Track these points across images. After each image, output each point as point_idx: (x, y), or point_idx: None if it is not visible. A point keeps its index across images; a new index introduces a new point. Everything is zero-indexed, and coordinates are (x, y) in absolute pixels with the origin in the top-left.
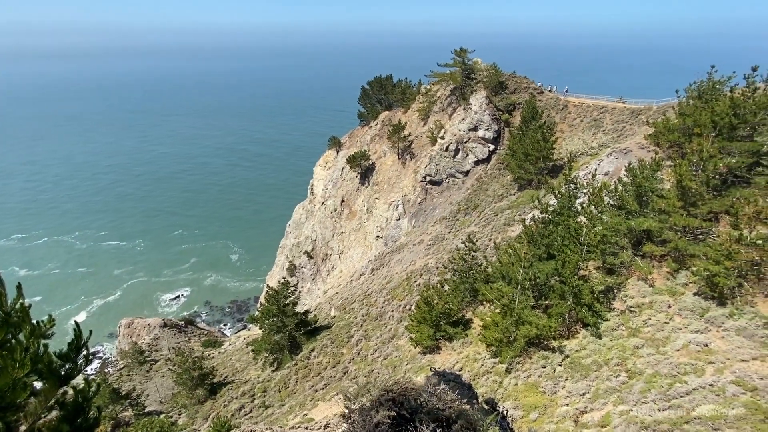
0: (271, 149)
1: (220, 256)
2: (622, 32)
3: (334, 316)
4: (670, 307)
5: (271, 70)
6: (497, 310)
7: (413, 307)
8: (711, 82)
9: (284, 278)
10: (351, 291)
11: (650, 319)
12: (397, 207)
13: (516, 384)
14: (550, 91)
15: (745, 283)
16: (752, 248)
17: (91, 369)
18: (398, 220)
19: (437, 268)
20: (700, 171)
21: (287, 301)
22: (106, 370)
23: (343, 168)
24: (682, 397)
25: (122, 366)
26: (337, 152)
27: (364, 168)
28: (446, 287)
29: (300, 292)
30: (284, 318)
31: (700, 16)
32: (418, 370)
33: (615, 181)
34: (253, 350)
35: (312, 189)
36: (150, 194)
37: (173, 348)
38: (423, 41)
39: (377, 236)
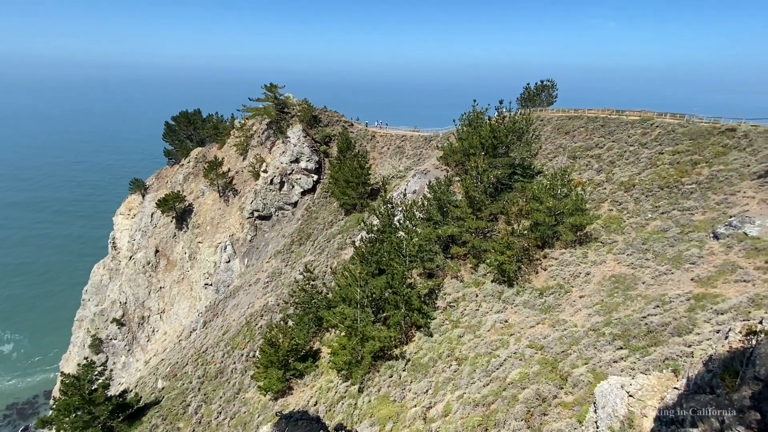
0: (52, 200)
1: None
2: (412, 72)
3: (163, 388)
4: (477, 296)
5: (36, 103)
6: (342, 333)
7: (257, 353)
8: (475, 112)
9: (87, 358)
10: (181, 353)
11: (465, 309)
12: (226, 248)
13: (370, 401)
14: (359, 123)
15: (522, 266)
16: (522, 238)
17: None
18: (228, 262)
19: (278, 305)
20: (479, 182)
21: (94, 386)
22: None
23: (152, 213)
24: (497, 369)
25: None
26: (143, 196)
27: (179, 211)
28: (290, 323)
29: (112, 370)
30: (92, 408)
31: (467, 60)
32: (270, 420)
33: (421, 198)
34: None
35: (114, 243)
36: None
37: None
38: (204, 75)
39: (206, 284)
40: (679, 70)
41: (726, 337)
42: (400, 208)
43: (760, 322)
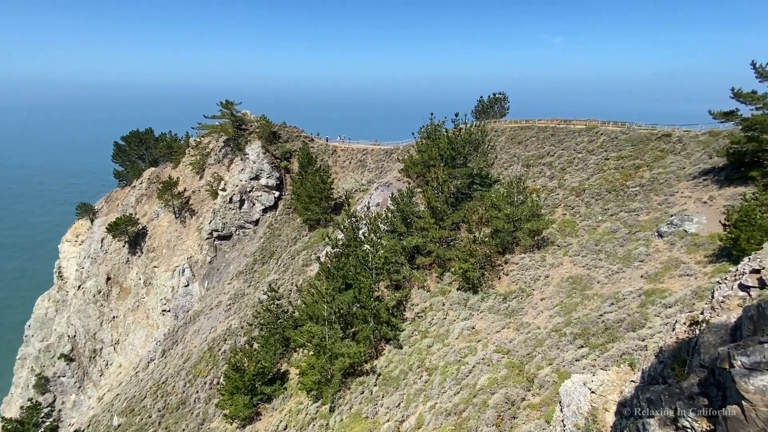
0: None
1: None
2: (367, 88)
3: (119, 425)
4: (444, 304)
5: None
6: (311, 352)
7: (222, 380)
8: (433, 125)
9: (32, 400)
10: (138, 386)
11: (433, 318)
12: (184, 271)
13: (342, 420)
14: (319, 138)
15: (485, 273)
16: (483, 245)
17: None
18: (187, 285)
19: (242, 327)
20: (440, 193)
21: (41, 430)
22: None
23: (102, 239)
24: (467, 376)
25: None
26: (92, 221)
27: (132, 235)
28: (255, 345)
29: (61, 410)
30: None
31: (422, 76)
32: None
33: (385, 210)
34: None
35: (60, 272)
36: None
37: None
38: (158, 94)
39: (163, 310)
40: (619, 81)
41: (673, 329)
42: (364, 221)
43: (702, 313)
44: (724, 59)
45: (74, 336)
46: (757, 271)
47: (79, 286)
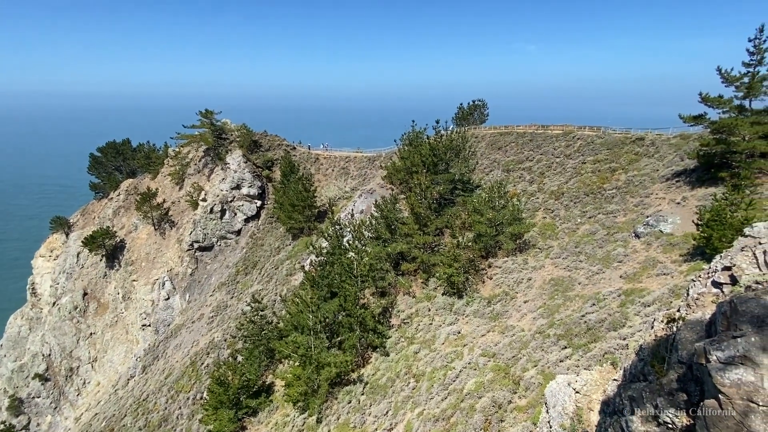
0: None
1: None
2: (346, 96)
3: None
4: (429, 310)
5: None
6: (296, 363)
7: (205, 394)
8: (414, 132)
9: (5, 423)
10: (118, 404)
11: (419, 324)
12: (164, 284)
13: (329, 430)
14: (301, 146)
15: (470, 277)
16: (467, 250)
17: None
18: (168, 299)
19: (225, 340)
20: (423, 199)
21: None
22: None
23: (79, 253)
24: (454, 381)
25: None
26: (67, 235)
27: (110, 248)
28: (240, 358)
29: None
30: None
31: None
32: None
33: (369, 217)
34: None
35: (33, 289)
36: None
37: None
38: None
39: (143, 325)
40: (593, 87)
41: (652, 327)
42: (348, 229)
43: (678, 311)
44: (692, 65)
45: (49, 354)
46: (729, 269)
47: (54, 303)
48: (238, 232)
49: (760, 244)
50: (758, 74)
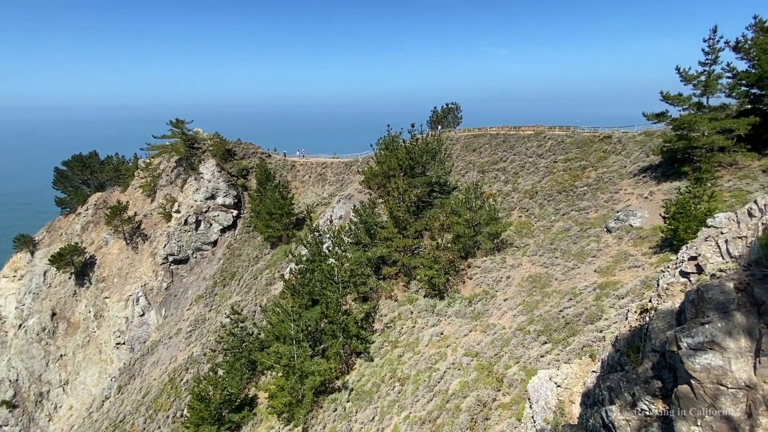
0: None
1: None
2: (320, 102)
3: None
4: (412, 313)
5: None
6: (279, 374)
7: (186, 411)
8: (390, 136)
9: None
10: (93, 427)
11: (402, 327)
12: (138, 300)
13: None
14: (277, 153)
15: (450, 278)
16: (447, 251)
17: None
18: (142, 315)
19: (205, 354)
20: (401, 202)
21: None
22: None
23: (45, 272)
24: (439, 383)
25: None
26: (32, 254)
27: (79, 265)
28: (220, 372)
29: None
30: None
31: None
32: None
33: (348, 222)
34: None
35: None
36: None
37: None
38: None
39: (118, 344)
40: (561, 88)
41: (626, 318)
42: (327, 235)
43: (650, 301)
44: (652, 65)
45: (16, 380)
46: (695, 258)
47: (20, 325)
48: (215, 243)
49: (722, 233)
50: (713, 73)
